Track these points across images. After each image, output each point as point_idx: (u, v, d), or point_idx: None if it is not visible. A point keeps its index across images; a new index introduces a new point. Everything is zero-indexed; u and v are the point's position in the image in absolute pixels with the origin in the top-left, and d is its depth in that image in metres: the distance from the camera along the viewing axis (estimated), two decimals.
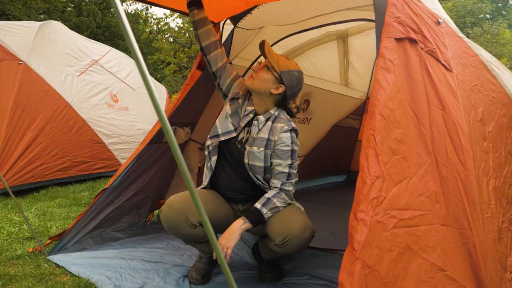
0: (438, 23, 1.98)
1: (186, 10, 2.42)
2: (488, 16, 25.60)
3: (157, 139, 2.73)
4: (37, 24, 4.88)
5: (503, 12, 26.87)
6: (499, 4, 26.69)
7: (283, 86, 1.90)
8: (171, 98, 8.47)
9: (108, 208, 2.61)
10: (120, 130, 5.25)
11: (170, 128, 0.58)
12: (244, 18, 2.74)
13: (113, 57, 5.96)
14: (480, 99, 2.04)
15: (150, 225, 2.95)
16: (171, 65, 10.88)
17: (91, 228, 2.55)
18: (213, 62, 2.05)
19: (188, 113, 2.88)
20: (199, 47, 2.14)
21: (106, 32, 17.80)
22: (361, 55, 4.18)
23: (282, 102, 1.98)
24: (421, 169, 1.61)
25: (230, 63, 2.13)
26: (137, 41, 17.91)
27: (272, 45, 3.14)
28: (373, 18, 2.87)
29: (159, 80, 13.84)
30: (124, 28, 0.53)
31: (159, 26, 12.80)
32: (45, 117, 4.32)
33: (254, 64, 1.96)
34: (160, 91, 6.71)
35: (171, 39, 15.65)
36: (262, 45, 1.94)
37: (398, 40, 1.77)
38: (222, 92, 2.11)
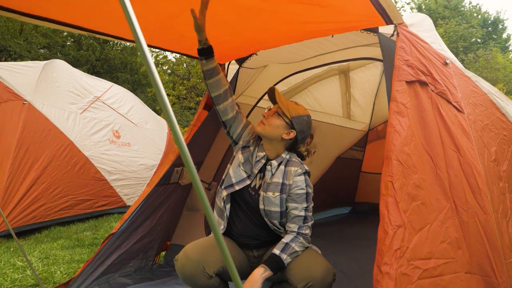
0: (446, 64, 2.01)
1: (194, 55, 2.46)
2: (479, 40, 26.18)
3: (164, 180, 2.70)
4: (41, 63, 4.93)
5: (493, 36, 27.51)
6: (489, 29, 27.36)
7: (294, 131, 1.90)
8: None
9: (115, 253, 2.55)
10: (122, 166, 5.23)
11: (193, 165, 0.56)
12: (249, 58, 2.78)
13: (115, 93, 6.00)
14: (492, 138, 2.04)
15: (157, 268, 2.88)
16: (170, 97, 10.95)
17: (98, 274, 2.48)
18: (223, 112, 2.02)
19: (194, 153, 2.87)
20: (209, 95, 2.10)
21: (105, 65, 18.02)
22: (363, 88, 4.23)
23: (293, 146, 1.97)
24: (440, 215, 1.59)
25: (240, 112, 2.10)
26: (135, 73, 18.17)
27: (276, 84, 3.17)
28: (376, 56, 2.93)
29: (158, 112, 13.92)
30: (154, 80, 0.53)
31: (158, 59, 12.98)
32: (48, 156, 4.30)
33: (264, 111, 1.95)
34: (160, 125, 6.72)
35: (169, 71, 15.86)
36: (272, 92, 1.95)
37: (409, 83, 1.79)
38: (232, 139, 2.09)
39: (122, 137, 5.52)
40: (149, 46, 2.45)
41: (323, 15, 1.86)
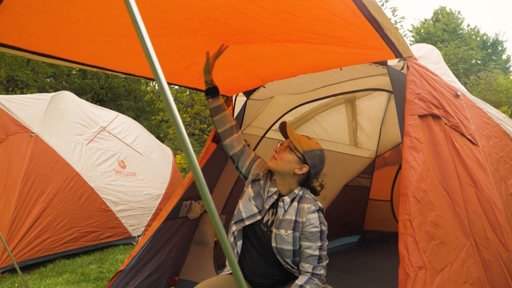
0: (457, 96, 2.00)
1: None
2: (479, 62, 26.41)
3: (173, 215, 2.67)
4: (49, 96, 4.99)
5: (493, 57, 27.77)
6: (489, 50, 27.65)
7: (307, 166, 1.87)
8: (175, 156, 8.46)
9: None
10: (128, 196, 5.19)
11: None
12: (257, 91, 2.79)
13: (120, 122, 6.04)
14: (508, 170, 2.01)
15: None
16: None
17: None
18: (230, 147, 2.05)
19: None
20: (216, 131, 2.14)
21: (109, 92, 18.23)
22: (369, 116, 4.23)
23: (306, 181, 1.94)
24: (461, 253, 1.54)
25: (248, 145, 2.11)
26: (139, 101, 18.35)
27: (284, 115, 3.17)
28: (384, 87, 2.94)
29: (162, 139, 13.97)
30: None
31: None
32: (54, 188, 4.28)
33: (276, 146, 1.94)
34: (165, 153, 6.72)
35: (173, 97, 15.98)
36: (283, 126, 1.94)
37: (422, 117, 1.78)
38: (241, 174, 2.08)
39: (128, 167, 5.51)
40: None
41: (333, 43, 1.87)
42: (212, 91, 2.05)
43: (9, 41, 1.91)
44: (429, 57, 2.15)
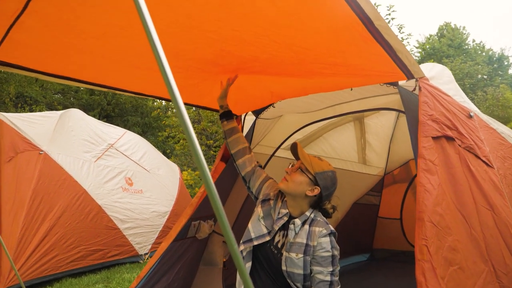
0: (470, 117, 1.98)
1: (212, 107, 2.49)
2: (485, 77, 26.33)
3: (182, 235, 2.64)
4: (58, 113, 5.04)
5: (499, 72, 27.67)
6: (495, 65, 27.58)
7: (319, 188, 1.85)
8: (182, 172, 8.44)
9: None
10: (135, 214, 5.17)
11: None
12: (266, 110, 2.79)
13: (128, 139, 6.06)
14: None
15: None
16: (181, 141, 11.03)
17: None
18: (242, 167, 2.08)
19: (211, 206, 2.81)
20: (229, 153, 2.16)
21: (116, 108, 18.39)
22: (377, 133, 4.21)
23: (317, 203, 1.91)
24: (479, 280, 1.50)
25: (260, 166, 2.12)
26: (146, 116, 18.47)
27: (293, 134, 3.16)
28: (394, 106, 2.92)
29: (168, 154, 14.00)
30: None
31: (169, 102, 13.21)
32: (62, 206, 4.27)
33: (287, 167, 1.92)
34: (172, 170, 6.71)
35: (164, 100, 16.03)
36: (294, 147, 1.93)
37: (435, 138, 1.75)
38: (252, 195, 2.08)
39: (135, 184, 5.51)
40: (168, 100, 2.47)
41: (345, 72, 1.86)
42: (227, 114, 2.12)
43: (22, 62, 1.94)
44: (440, 77, 2.13)
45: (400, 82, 2.05)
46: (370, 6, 1.34)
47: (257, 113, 2.86)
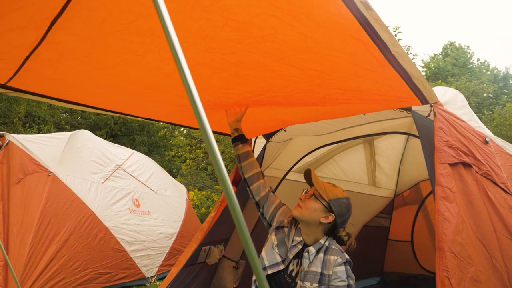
0: (486, 142, 1.95)
1: (223, 131, 2.48)
2: (491, 95, 26.29)
3: (192, 261, 2.60)
4: (67, 135, 5.07)
5: (505, 90, 27.62)
6: (500, 84, 27.55)
7: (333, 215, 1.82)
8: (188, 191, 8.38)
9: None
10: (142, 236, 5.13)
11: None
12: (277, 133, 2.78)
13: (136, 160, 6.06)
14: None
15: None
16: (188, 161, 11.02)
17: None
18: (256, 192, 2.05)
19: (221, 230, 2.79)
20: (242, 178, 2.14)
21: (123, 127, 18.52)
22: (387, 155, 4.18)
23: (332, 231, 1.88)
24: None
25: (273, 192, 2.09)
26: (152, 135, 18.58)
27: (303, 157, 3.15)
28: (405, 130, 2.90)
29: (174, 174, 13.98)
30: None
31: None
32: (69, 228, 4.25)
33: (300, 191, 1.90)
34: (179, 191, 6.68)
35: (184, 131, 16.10)
36: (308, 174, 1.91)
37: (452, 165, 1.73)
38: (265, 221, 2.05)
39: (142, 206, 5.48)
40: (183, 126, 2.47)
41: (359, 97, 1.85)
42: (241, 137, 2.12)
43: (35, 89, 1.95)
44: (454, 102, 2.12)
45: (414, 107, 2.04)
46: (387, 32, 1.34)
47: (267, 136, 2.85)
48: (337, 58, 1.48)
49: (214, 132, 2.69)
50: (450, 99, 2.09)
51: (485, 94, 25.58)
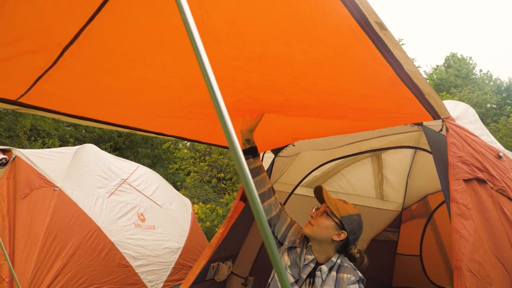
0: (499, 157, 1.93)
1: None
2: (494, 106, 26.23)
3: (200, 278, 2.57)
4: (73, 149, 5.08)
5: (508, 101, 27.56)
6: (504, 94, 27.51)
7: (345, 232, 1.79)
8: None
9: None
10: (147, 251, 5.08)
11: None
12: (285, 148, 2.77)
13: (141, 174, 6.05)
14: None
15: None
16: (192, 173, 11.00)
17: None
18: (268, 211, 1.96)
19: (230, 246, 2.76)
20: None
21: (127, 140, 18.57)
22: (395, 169, 4.15)
23: (343, 248, 1.86)
24: None
25: (284, 210, 2.05)
26: (156, 148, 18.61)
27: (311, 172, 3.13)
28: (414, 144, 2.88)
29: (178, 186, 13.95)
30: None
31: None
32: (75, 244, 4.22)
33: (311, 210, 1.87)
34: (184, 205, 6.64)
35: (188, 144, 16.10)
36: (319, 191, 1.88)
37: (467, 181, 1.70)
38: (276, 239, 1.99)
39: (147, 220, 5.45)
40: (187, 139, 2.47)
41: (371, 115, 1.84)
42: (252, 151, 1.98)
43: (45, 105, 1.96)
44: (465, 116, 2.11)
45: (425, 122, 2.02)
46: (401, 51, 1.33)
47: (275, 151, 2.84)
48: (351, 81, 1.47)
49: (220, 146, 2.68)
50: (461, 113, 2.08)
51: (488, 105, 25.54)
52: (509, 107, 26.96)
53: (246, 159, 1.96)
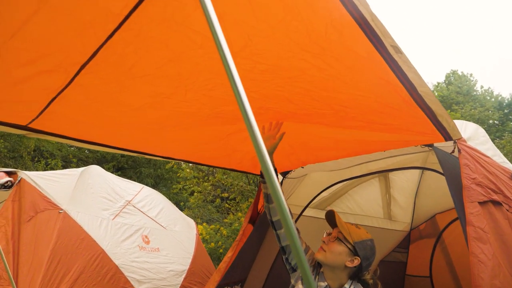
0: None
1: (239, 168, 2.45)
2: (496, 122, 26.20)
3: None
4: (78, 171, 5.07)
5: (510, 117, 27.53)
6: (506, 110, 27.51)
7: (359, 258, 1.76)
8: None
9: None
10: (151, 274, 5.01)
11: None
12: (294, 170, 2.75)
13: (145, 195, 6.02)
14: None
15: None
16: (195, 193, 10.94)
17: None
18: (283, 238, 1.93)
19: (239, 270, 2.71)
20: (268, 220, 2.00)
21: (130, 160, 18.58)
22: (402, 188, 4.11)
23: (356, 274, 1.81)
24: None
25: (300, 236, 2.00)
26: (159, 168, 18.58)
27: (320, 193, 3.10)
28: (420, 165, 2.85)
29: (181, 207, 13.86)
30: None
31: None
32: (79, 267, 4.16)
33: (323, 236, 1.84)
34: (189, 226, 6.58)
35: (190, 164, 16.08)
36: (331, 215, 1.84)
37: (482, 203, 1.68)
38: (289, 265, 1.95)
39: (152, 242, 5.39)
40: (195, 163, 2.46)
41: (382, 129, 1.84)
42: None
43: (55, 130, 1.95)
44: (476, 137, 2.09)
45: (435, 143, 2.01)
46: (415, 73, 1.33)
47: (284, 173, 2.82)
48: (363, 97, 1.47)
49: (231, 169, 2.67)
50: (471, 134, 2.07)
51: (490, 121, 25.53)
52: (511, 123, 26.92)
53: (262, 182, 1.93)
